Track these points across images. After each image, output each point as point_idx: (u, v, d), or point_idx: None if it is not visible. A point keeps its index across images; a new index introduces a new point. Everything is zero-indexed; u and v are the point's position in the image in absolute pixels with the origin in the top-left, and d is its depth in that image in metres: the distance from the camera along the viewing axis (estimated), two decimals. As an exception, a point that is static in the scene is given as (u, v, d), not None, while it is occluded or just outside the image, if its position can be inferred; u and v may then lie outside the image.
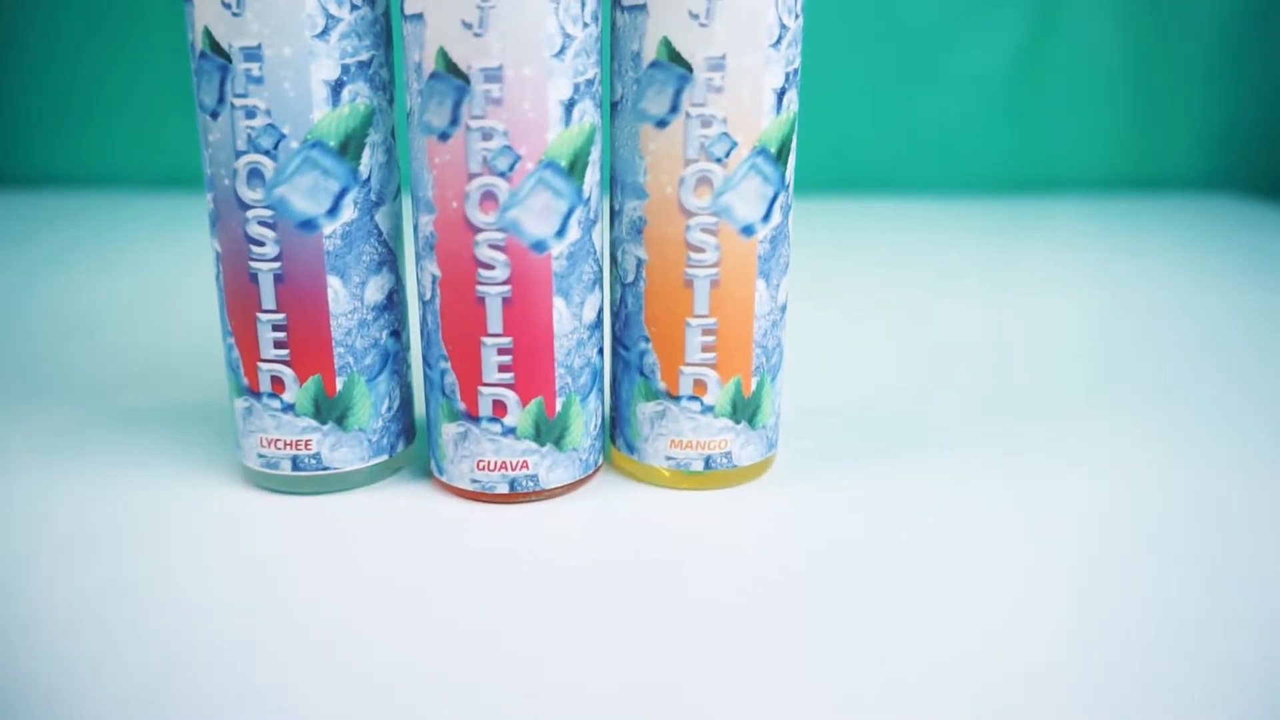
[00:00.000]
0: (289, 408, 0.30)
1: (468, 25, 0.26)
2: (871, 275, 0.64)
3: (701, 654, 0.23)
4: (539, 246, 0.28)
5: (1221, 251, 0.70)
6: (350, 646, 0.23)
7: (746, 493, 0.31)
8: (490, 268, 0.28)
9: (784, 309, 0.31)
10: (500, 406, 0.29)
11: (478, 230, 0.27)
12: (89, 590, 0.25)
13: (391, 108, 0.30)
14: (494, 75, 0.26)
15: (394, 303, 0.31)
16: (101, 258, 0.67)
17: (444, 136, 0.27)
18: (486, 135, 0.27)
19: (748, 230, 0.29)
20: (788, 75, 0.28)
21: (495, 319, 0.28)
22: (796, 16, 0.28)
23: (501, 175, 0.27)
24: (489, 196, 0.27)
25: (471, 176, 0.27)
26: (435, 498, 0.31)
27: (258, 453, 0.30)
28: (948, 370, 0.44)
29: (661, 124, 0.28)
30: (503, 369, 0.29)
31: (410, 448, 0.33)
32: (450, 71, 0.26)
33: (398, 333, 0.31)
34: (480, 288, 0.28)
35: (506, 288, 0.28)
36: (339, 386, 0.30)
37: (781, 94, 0.28)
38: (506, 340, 0.28)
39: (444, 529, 0.29)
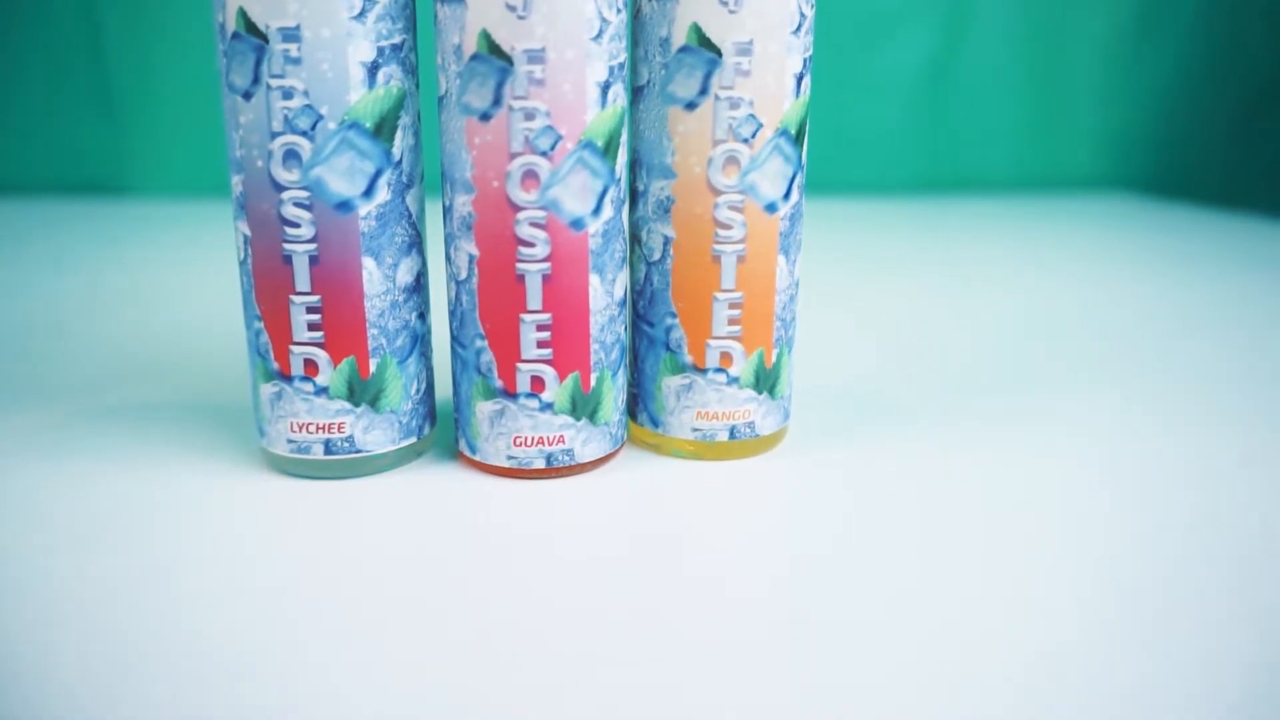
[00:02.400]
0: (322, 390, 0.29)
1: (511, 8, 0.27)
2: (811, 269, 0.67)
3: (751, 623, 0.24)
4: (577, 224, 0.29)
5: (1116, 245, 0.76)
6: (409, 628, 0.24)
7: (769, 461, 0.33)
8: (531, 245, 0.28)
9: (799, 283, 0.32)
10: (538, 382, 0.30)
11: (519, 209, 0.28)
12: (123, 579, 0.25)
13: (418, 91, 0.30)
14: (537, 57, 0.27)
15: (421, 285, 0.31)
16: (31, 262, 0.64)
17: (485, 117, 0.28)
18: (529, 115, 0.27)
19: (771, 208, 0.30)
20: (804, 61, 0.30)
21: (535, 296, 0.29)
22: (812, 6, 0.30)
23: (543, 154, 0.28)
24: (530, 175, 0.28)
25: (513, 156, 0.28)
26: (467, 476, 0.31)
27: (287, 438, 0.30)
28: (898, 352, 0.46)
29: (690, 106, 0.29)
30: (541, 345, 0.29)
31: (434, 430, 0.33)
32: (493, 53, 0.27)
33: (424, 314, 0.31)
34: (520, 265, 0.29)
35: (546, 265, 0.29)
36: (372, 368, 0.30)
37: (800, 79, 0.30)
38: (546, 316, 0.29)
39: (485, 506, 0.29)
